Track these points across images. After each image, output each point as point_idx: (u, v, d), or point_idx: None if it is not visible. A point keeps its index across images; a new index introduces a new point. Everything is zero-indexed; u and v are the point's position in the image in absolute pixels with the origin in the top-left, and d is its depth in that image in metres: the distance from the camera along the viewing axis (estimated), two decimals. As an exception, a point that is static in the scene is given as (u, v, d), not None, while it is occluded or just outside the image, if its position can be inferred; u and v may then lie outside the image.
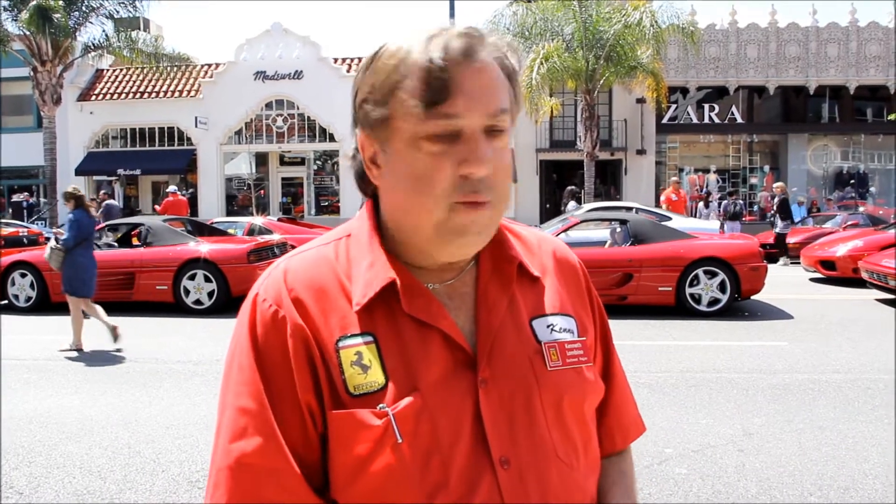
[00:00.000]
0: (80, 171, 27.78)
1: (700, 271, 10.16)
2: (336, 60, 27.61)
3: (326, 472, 1.02)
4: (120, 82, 28.84)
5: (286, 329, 1.02)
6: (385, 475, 0.98)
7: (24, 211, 28.34)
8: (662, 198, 18.71)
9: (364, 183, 1.12)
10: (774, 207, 18.35)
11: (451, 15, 16.93)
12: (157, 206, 24.20)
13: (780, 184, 19.40)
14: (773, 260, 16.88)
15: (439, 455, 0.98)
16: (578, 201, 18.60)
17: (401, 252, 1.08)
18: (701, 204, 23.53)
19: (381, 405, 0.99)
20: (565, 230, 11.41)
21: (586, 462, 1.10)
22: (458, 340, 1.03)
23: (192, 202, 25.78)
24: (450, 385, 1.01)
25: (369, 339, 1.02)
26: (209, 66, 28.79)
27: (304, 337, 1.02)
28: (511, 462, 1.01)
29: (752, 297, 10.64)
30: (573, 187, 19.60)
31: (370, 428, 0.98)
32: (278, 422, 1.00)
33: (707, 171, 27.20)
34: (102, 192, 23.93)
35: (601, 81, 21.87)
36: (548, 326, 1.11)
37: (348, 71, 26.97)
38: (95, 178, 28.69)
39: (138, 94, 28.29)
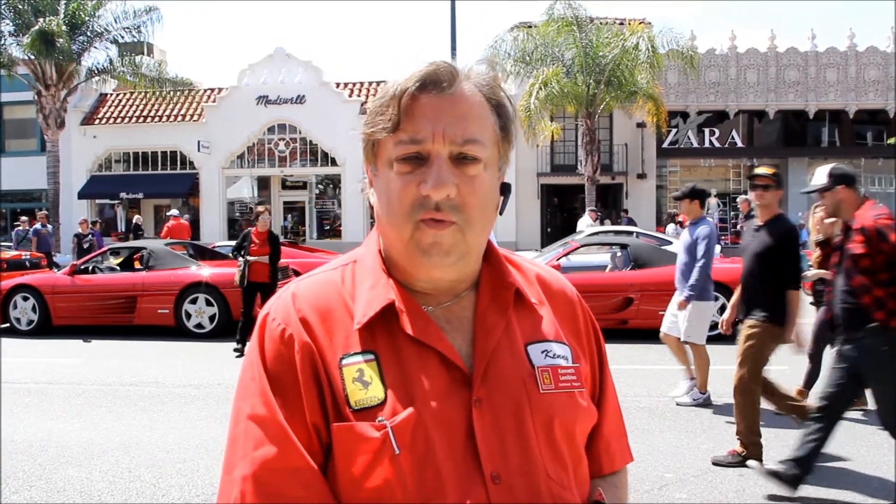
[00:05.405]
0: (82, 195, 27.94)
1: (701, 295, 10.11)
2: (338, 85, 27.80)
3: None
4: (123, 106, 29.06)
5: (294, 346, 1.08)
6: (383, 484, 1.02)
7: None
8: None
9: None
10: None
11: (453, 43, 17.04)
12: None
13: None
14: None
15: (434, 467, 1.02)
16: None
17: (398, 275, 1.13)
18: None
19: (379, 418, 1.03)
20: (566, 254, 11.42)
21: (576, 482, 1.13)
22: (455, 360, 1.08)
23: (194, 226, 25.83)
24: (445, 402, 1.05)
25: (371, 356, 1.07)
26: (212, 90, 29.03)
27: (310, 354, 1.07)
28: (502, 478, 1.04)
29: (753, 321, 10.58)
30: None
31: (369, 440, 1.02)
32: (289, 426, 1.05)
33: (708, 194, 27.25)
34: None
35: (601, 106, 22.03)
36: (542, 352, 1.14)
37: (350, 96, 27.16)
38: (98, 201, 28.81)
39: (141, 119, 28.49)
